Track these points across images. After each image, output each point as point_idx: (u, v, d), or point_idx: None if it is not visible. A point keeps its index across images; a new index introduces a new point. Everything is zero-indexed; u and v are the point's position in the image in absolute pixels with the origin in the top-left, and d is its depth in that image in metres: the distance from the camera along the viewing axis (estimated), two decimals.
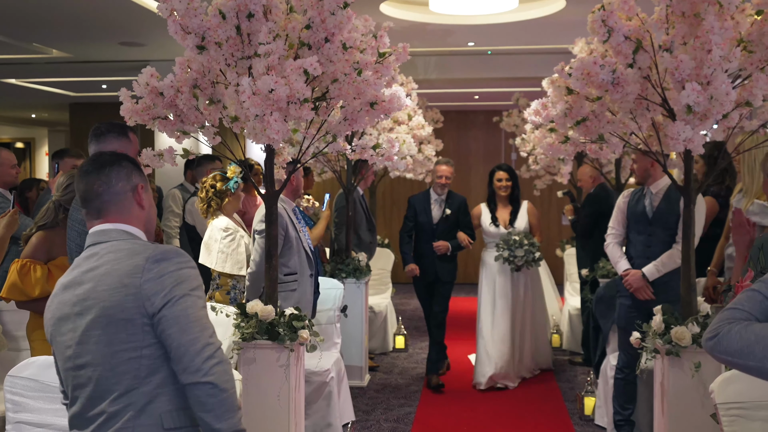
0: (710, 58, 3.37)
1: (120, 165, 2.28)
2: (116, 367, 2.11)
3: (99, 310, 2.12)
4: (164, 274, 2.11)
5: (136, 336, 2.10)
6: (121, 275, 2.12)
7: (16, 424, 3.10)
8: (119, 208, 2.27)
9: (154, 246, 2.19)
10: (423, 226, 6.70)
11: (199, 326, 2.08)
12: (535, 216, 6.80)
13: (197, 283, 2.18)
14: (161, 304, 2.08)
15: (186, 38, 3.67)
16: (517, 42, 7.84)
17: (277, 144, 3.72)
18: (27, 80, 10.96)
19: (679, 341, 3.79)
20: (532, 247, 6.42)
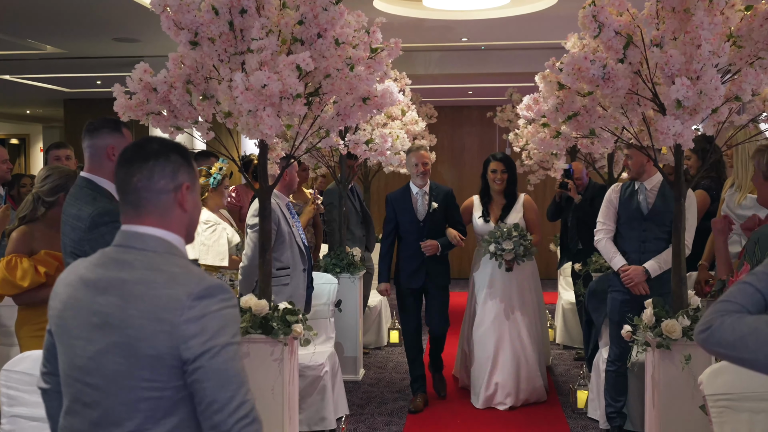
0: (699, 53, 3.41)
1: (167, 159, 1.98)
2: (131, 403, 1.88)
3: (124, 336, 1.87)
4: (206, 314, 1.84)
5: (161, 376, 1.86)
6: (156, 306, 1.85)
7: (11, 417, 3.12)
8: (159, 210, 1.98)
9: (197, 277, 1.90)
10: (407, 226, 5.86)
11: (237, 382, 1.84)
12: (534, 211, 6.08)
13: (238, 325, 1.92)
14: (200, 352, 1.82)
15: (179, 34, 3.69)
16: (510, 37, 7.87)
17: (270, 139, 3.74)
18: (21, 76, 10.95)
19: (669, 334, 3.83)
20: (522, 240, 5.72)
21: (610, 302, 4.96)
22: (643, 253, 4.78)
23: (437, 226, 5.83)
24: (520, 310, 5.99)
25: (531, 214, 6.05)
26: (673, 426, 3.87)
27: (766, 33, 3.52)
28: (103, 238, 3.08)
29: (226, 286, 1.92)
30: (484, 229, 5.98)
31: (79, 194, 3.35)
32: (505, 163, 6.01)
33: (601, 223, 4.94)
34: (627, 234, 4.85)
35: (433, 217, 5.81)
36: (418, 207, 5.84)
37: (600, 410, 5.26)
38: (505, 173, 5.99)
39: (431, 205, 5.79)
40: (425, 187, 5.85)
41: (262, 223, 4.12)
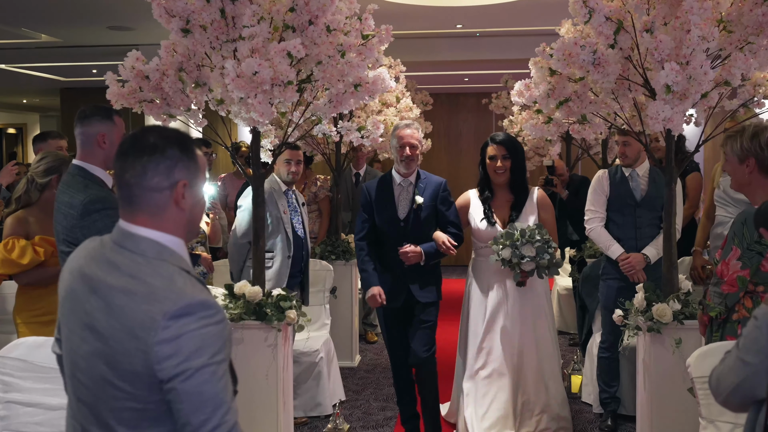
0: (689, 37, 3.41)
1: (163, 154, 1.85)
2: (116, 410, 1.84)
3: (108, 346, 1.81)
4: (182, 335, 1.74)
5: (142, 390, 1.80)
6: (134, 323, 1.77)
7: (6, 403, 3.15)
8: (152, 209, 1.88)
9: (177, 293, 1.79)
10: (385, 226, 4.53)
11: (213, 404, 1.76)
12: (550, 211, 4.74)
13: (221, 342, 1.80)
14: (173, 374, 1.74)
15: (171, 22, 3.70)
16: (505, 24, 7.87)
17: (262, 126, 3.76)
18: (16, 65, 10.94)
19: (660, 318, 3.85)
20: (547, 245, 4.37)
21: (604, 289, 4.97)
22: (638, 240, 4.79)
23: (424, 228, 4.53)
24: (536, 344, 4.67)
25: (547, 216, 4.69)
26: (665, 409, 3.90)
27: (756, 18, 3.52)
28: (95, 225, 3.12)
29: (210, 302, 1.81)
30: (488, 235, 4.63)
31: (71, 182, 3.38)
32: (508, 146, 4.60)
33: (592, 211, 4.91)
34: (620, 220, 4.85)
35: (418, 216, 4.50)
36: (399, 202, 4.54)
37: (593, 395, 5.30)
38: (508, 159, 4.59)
39: (414, 200, 4.51)
40: (411, 177, 4.56)
41: (255, 210, 4.14)
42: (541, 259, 4.36)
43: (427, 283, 4.54)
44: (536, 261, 4.36)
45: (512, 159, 4.60)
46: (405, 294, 4.52)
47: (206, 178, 2.01)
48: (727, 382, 2.05)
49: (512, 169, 4.62)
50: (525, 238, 4.35)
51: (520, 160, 4.64)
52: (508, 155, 4.60)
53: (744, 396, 2.03)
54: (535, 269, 4.40)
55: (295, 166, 5.08)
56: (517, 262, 4.36)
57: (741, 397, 2.04)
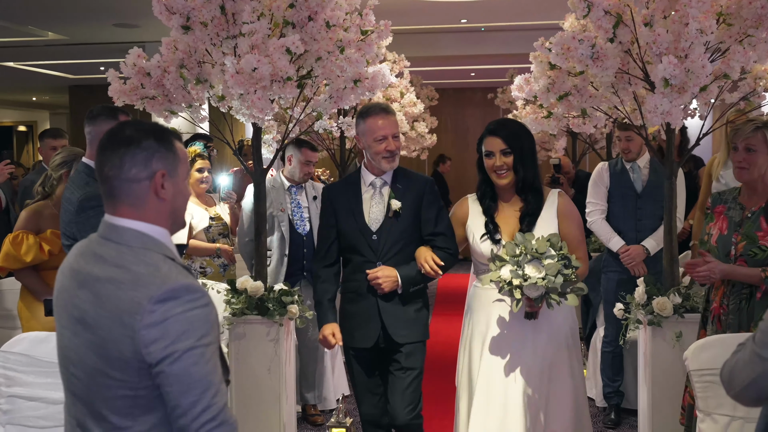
0: (687, 31, 3.41)
1: (139, 146, 1.88)
2: (108, 400, 1.86)
3: (97, 336, 1.84)
4: (168, 318, 1.78)
5: (132, 377, 1.82)
6: (120, 310, 1.80)
7: (8, 397, 3.18)
8: (132, 200, 1.90)
9: (162, 278, 1.82)
10: (352, 239, 3.51)
11: (201, 386, 1.80)
12: (574, 219, 3.47)
13: (207, 325, 1.83)
14: (160, 357, 1.78)
15: (171, 18, 3.72)
16: (509, 18, 7.87)
17: (262, 122, 3.78)
18: (25, 63, 11.02)
19: (660, 311, 3.86)
20: (563, 263, 3.12)
21: (605, 283, 4.99)
22: (639, 232, 4.81)
23: (403, 242, 3.47)
24: (559, 393, 3.39)
25: (571, 227, 3.43)
26: (666, 402, 3.91)
27: (755, 10, 3.52)
28: (89, 222, 3.16)
29: (194, 286, 1.84)
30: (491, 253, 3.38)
31: (75, 178, 3.45)
32: (507, 136, 3.41)
33: (593, 203, 4.92)
34: (620, 212, 4.87)
35: (394, 226, 3.46)
36: (371, 208, 3.51)
37: (597, 389, 5.31)
38: (509, 155, 3.40)
39: (389, 206, 3.47)
40: (386, 175, 3.53)
41: (256, 206, 4.17)
42: (552, 281, 3.07)
43: (408, 317, 3.49)
44: (545, 285, 3.08)
45: (515, 153, 3.38)
46: (378, 331, 3.47)
47: (188, 169, 2.01)
48: (742, 376, 2.02)
49: (515, 166, 3.39)
50: (531, 252, 3.13)
51: (526, 153, 3.40)
52: (509, 149, 3.38)
53: (760, 391, 2.01)
54: (543, 295, 3.12)
55: (313, 167, 5.17)
56: (518, 285, 3.10)
57: (756, 393, 2.02)
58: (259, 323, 4.06)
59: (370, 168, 3.53)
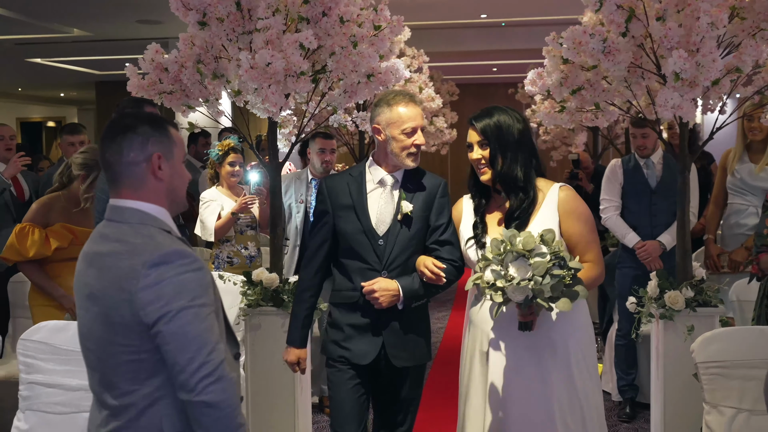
0: (698, 25, 3.42)
1: (135, 131, 2.06)
2: (116, 366, 2.02)
3: (102, 306, 2.01)
4: (162, 281, 1.94)
5: (134, 340, 1.98)
6: (119, 277, 1.97)
7: (28, 384, 3.28)
8: (132, 181, 2.07)
9: (158, 243, 1.99)
10: (352, 244, 3.08)
11: (197, 344, 1.94)
12: (581, 218, 3.00)
13: (200, 288, 1.99)
14: (156, 317, 1.93)
15: (188, 14, 3.79)
16: (530, 13, 7.86)
17: (277, 116, 3.84)
18: (52, 59, 11.19)
19: (672, 305, 3.86)
20: (555, 264, 2.65)
21: (620, 278, 5.01)
22: (654, 227, 4.82)
23: (411, 250, 3.08)
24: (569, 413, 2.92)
25: (575, 224, 2.98)
26: (678, 395, 3.91)
27: None
28: None
29: (186, 251, 1.99)
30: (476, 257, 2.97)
31: None
32: (483, 128, 3.01)
33: (607, 200, 4.94)
34: (635, 208, 4.88)
35: (402, 232, 3.06)
36: (380, 209, 3.08)
37: (612, 383, 5.32)
38: (486, 147, 3.01)
39: (400, 207, 3.06)
40: (398, 173, 3.12)
41: (272, 199, 4.23)
42: (539, 284, 2.60)
43: (411, 335, 3.08)
44: (532, 289, 2.62)
45: (491, 145, 2.97)
46: (379, 349, 3.02)
47: (184, 152, 2.18)
48: None
49: (492, 160, 2.98)
50: (516, 249, 2.67)
51: (505, 145, 2.96)
52: (486, 141, 2.99)
53: None
54: (530, 299, 2.66)
55: (329, 155, 5.19)
56: (501, 287, 2.65)
57: None
58: (275, 314, 4.12)
59: (384, 163, 3.10)
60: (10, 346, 4.49)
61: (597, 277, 3.00)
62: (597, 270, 2.98)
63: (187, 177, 2.18)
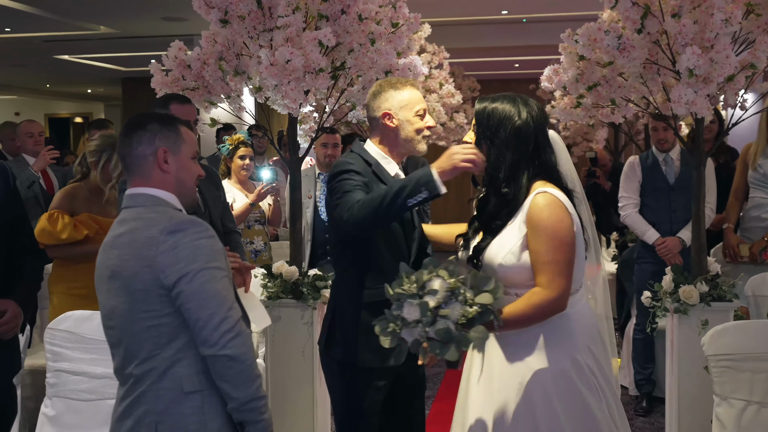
0: (712, 21, 3.45)
1: (144, 128, 2.28)
2: (138, 334, 2.17)
3: (122, 279, 2.18)
4: (179, 246, 2.12)
5: (154, 306, 2.15)
6: (138, 246, 2.15)
7: (55, 372, 3.38)
8: (141, 172, 2.28)
9: (171, 216, 2.20)
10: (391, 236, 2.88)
11: (216, 300, 2.11)
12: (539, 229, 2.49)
13: (215, 253, 2.18)
14: (176, 278, 2.11)
15: (210, 12, 3.88)
16: (551, 9, 7.88)
17: (296, 112, 3.92)
18: (79, 56, 11.36)
19: (687, 300, 3.90)
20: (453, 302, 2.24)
21: (638, 273, 5.04)
22: (673, 223, 4.85)
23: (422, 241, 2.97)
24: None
25: (535, 240, 2.49)
26: (691, 389, 3.95)
27: None
28: None
29: (199, 221, 2.20)
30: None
31: None
32: (479, 111, 2.65)
33: (626, 197, 4.97)
34: (654, 205, 4.90)
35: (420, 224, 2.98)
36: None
37: (629, 377, 5.35)
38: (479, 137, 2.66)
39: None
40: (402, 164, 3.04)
41: (292, 194, 4.31)
42: (443, 323, 2.22)
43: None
44: (424, 330, 2.23)
45: (477, 133, 2.64)
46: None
47: (194, 150, 2.38)
48: None
49: (487, 152, 2.60)
50: (404, 287, 2.30)
51: (491, 137, 2.59)
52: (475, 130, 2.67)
53: None
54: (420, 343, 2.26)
55: (331, 149, 5.28)
56: (399, 332, 2.28)
57: None
58: (294, 307, 4.20)
59: (394, 153, 2.94)
60: (38, 336, 4.60)
61: (538, 306, 2.44)
62: (540, 297, 2.44)
63: (196, 172, 2.37)
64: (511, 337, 2.52)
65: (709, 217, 4.67)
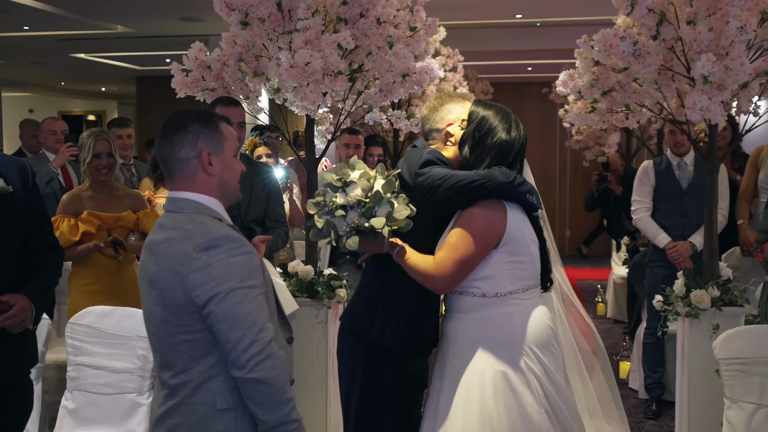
0: (727, 29, 3.48)
1: (185, 130, 2.20)
2: (173, 346, 2.15)
3: (159, 289, 2.14)
4: (211, 264, 2.06)
5: (187, 321, 2.11)
6: (173, 261, 2.10)
7: (76, 366, 3.45)
8: (184, 175, 2.21)
9: (208, 229, 2.12)
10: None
11: (247, 323, 2.05)
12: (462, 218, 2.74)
13: (248, 270, 2.11)
14: (207, 297, 2.06)
15: (230, 15, 3.93)
16: (565, 13, 7.90)
17: (314, 113, 3.98)
18: (95, 54, 11.45)
19: (698, 304, 3.94)
20: (356, 209, 2.70)
21: (650, 276, 5.08)
22: (685, 228, 4.88)
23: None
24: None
25: (456, 225, 2.74)
26: (702, 392, 3.98)
27: None
28: None
29: (235, 236, 2.12)
30: None
31: None
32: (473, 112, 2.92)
33: (638, 201, 5.02)
34: (667, 209, 4.94)
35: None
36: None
37: (640, 381, 5.38)
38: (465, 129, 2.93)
39: None
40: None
41: (309, 195, 4.36)
42: (363, 209, 2.68)
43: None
44: (358, 214, 2.69)
45: (466, 130, 2.87)
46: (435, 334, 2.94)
47: (236, 147, 2.30)
48: None
49: (461, 144, 2.88)
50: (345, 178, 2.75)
51: (477, 138, 2.82)
52: (468, 123, 2.90)
53: None
54: (354, 231, 2.70)
55: (353, 150, 5.31)
56: (327, 217, 2.75)
57: None
58: (309, 305, 4.25)
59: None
60: (55, 331, 4.67)
61: (423, 271, 2.71)
62: (428, 267, 2.71)
63: (240, 169, 2.30)
64: (459, 336, 2.75)
65: (722, 223, 4.71)
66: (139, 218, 4.33)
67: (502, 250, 2.67)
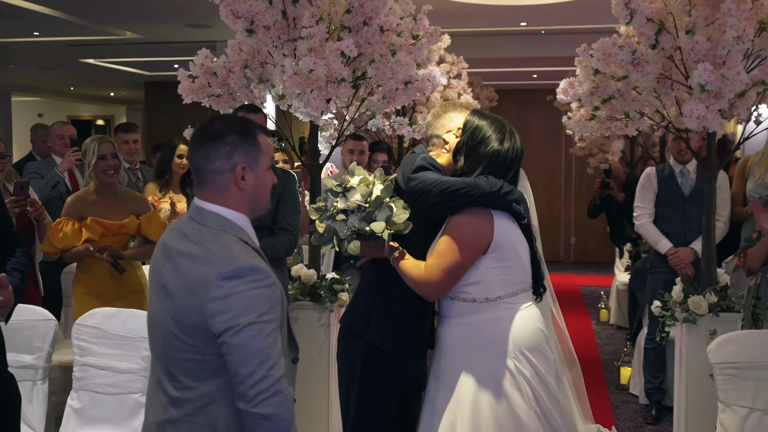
0: (724, 38, 3.54)
1: (222, 141, 2.09)
2: (179, 361, 2.09)
3: (173, 303, 2.07)
4: (232, 294, 1.99)
5: (200, 343, 2.05)
6: (193, 282, 2.03)
7: (81, 366, 3.51)
8: (215, 188, 2.12)
9: (230, 257, 2.03)
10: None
11: (259, 358, 1.98)
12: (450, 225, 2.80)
13: (269, 304, 2.03)
14: (223, 329, 1.99)
15: (236, 22, 4.01)
16: (570, 21, 7.96)
17: (318, 119, 4.04)
18: (104, 60, 11.56)
19: (696, 309, 3.98)
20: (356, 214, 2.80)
21: (651, 282, 5.11)
22: (687, 234, 4.92)
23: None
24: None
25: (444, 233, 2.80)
26: (699, 397, 4.03)
27: None
28: None
29: (259, 267, 2.03)
30: None
31: None
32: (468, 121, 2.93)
33: (641, 207, 5.06)
34: (669, 216, 4.98)
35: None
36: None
37: (640, 386, 5.42)
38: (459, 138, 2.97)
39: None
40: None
41: (313, 200, 4.42)
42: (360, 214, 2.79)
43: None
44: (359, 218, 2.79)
45: (461, 139, 2.90)
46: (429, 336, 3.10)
47: (271, 159, 2.21)
48: None
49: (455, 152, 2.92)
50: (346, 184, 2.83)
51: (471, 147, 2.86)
52: (462, 132, 2.93)
53: None
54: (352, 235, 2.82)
55: (358, 156, 5.37)
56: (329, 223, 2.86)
57: None
58: (311, 309, 4.31)
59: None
60: (62, 333, 4.74)
61: (415, 278, 2.78)
62: (419, 273, 2.78)
63: (271, 182, 2.21)
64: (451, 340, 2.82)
65: (723, 231, 4.75)
66: (141, 224, 4.37)
67: (491, 256, 2.74)
